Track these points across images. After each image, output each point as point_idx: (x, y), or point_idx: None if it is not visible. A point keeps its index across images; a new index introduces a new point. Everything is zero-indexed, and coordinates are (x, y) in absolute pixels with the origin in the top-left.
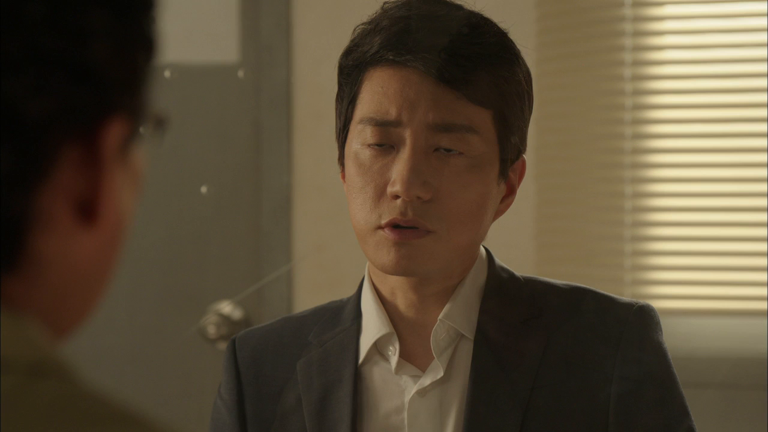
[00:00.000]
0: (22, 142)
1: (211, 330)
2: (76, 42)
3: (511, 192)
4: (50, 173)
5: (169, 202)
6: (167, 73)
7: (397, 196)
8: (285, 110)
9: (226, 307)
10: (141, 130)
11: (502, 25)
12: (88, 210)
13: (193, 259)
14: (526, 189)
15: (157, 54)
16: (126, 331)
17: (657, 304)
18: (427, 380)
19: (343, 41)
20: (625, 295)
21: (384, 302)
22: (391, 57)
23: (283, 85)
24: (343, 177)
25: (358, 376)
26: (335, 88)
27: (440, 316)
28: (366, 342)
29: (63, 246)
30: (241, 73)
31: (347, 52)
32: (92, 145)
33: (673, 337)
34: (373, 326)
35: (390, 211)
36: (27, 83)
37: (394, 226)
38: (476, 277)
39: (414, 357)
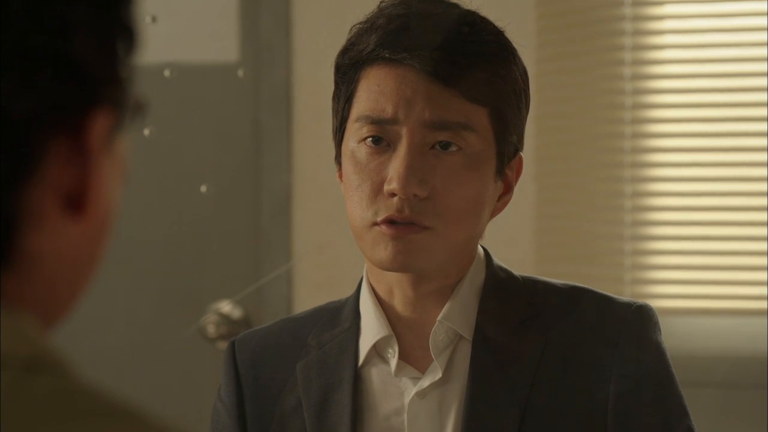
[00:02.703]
0: (8, 140)
1: (211, 329)
2: (58, 36)
3: (508, 190)
4: (38, 168)
5: (169, 202)
6: (167, 73)
7: (393, 194)
8: (285, 109)
9: (226, 307)
10: (124, 119)
11: (499, 24)
12: (76, 202)
13: (192, 259)
14: (525, 188)
15: (139, 45)
16: (125, 330)
17: (657, 304)
18: (426, 382)
19: (343, 41)
20: (625, 294)
21: (382, 303)
22: (387, 55)
23: (283, 84)
24: (340, 176)
25: (357, 378)
26: None
27: (439, 317)
28: (365, 344)
29: (53, 240)
30: (240, 73)
31: (344, 51)
32: (79, 138)
33: (673, 337)
34: (371, 328)
35: (386, 208)
36: (11, 80)
37: (390, 222)
38: (474, 277)
39: (413, 358)
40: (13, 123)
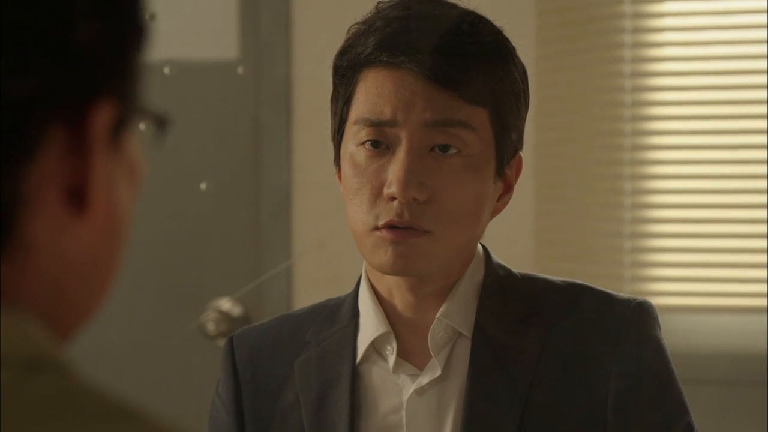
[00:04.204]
0: (4, 122)
1: (211, 327)
2: (58, 21)
3: (508, 190)
4: (36, 156)
5: (169, 199)
6: (167, 70)
7: (393, 198)
8: (284, 107)
9: (226, 304)
10: (140, 126)
11: (497, 23)
12: (78, 197)
13: (192, 256)
14: (525, 186)
15: (146, 39)
16: (126, 328)
17: (656, 301)
18: (425, 379)
19: (343, 38)
20: (625, 291)
21: (381, 301)
22: (385, 58)
23: (283, 81)
24: (340, 178)
25: (356, 375)
26: None
27: (438, 315)
28: (363, 341)
29: (53, 232)
30: (240, 70)
31: (341, 53)
32: (79, 128)
33: (673, 334)
34: (370, 325)
35: (387, 213)
36: (7, 62)
37: (390, 227)
38: (474, 275)
39: (412, 356)
40: (9, 105)
